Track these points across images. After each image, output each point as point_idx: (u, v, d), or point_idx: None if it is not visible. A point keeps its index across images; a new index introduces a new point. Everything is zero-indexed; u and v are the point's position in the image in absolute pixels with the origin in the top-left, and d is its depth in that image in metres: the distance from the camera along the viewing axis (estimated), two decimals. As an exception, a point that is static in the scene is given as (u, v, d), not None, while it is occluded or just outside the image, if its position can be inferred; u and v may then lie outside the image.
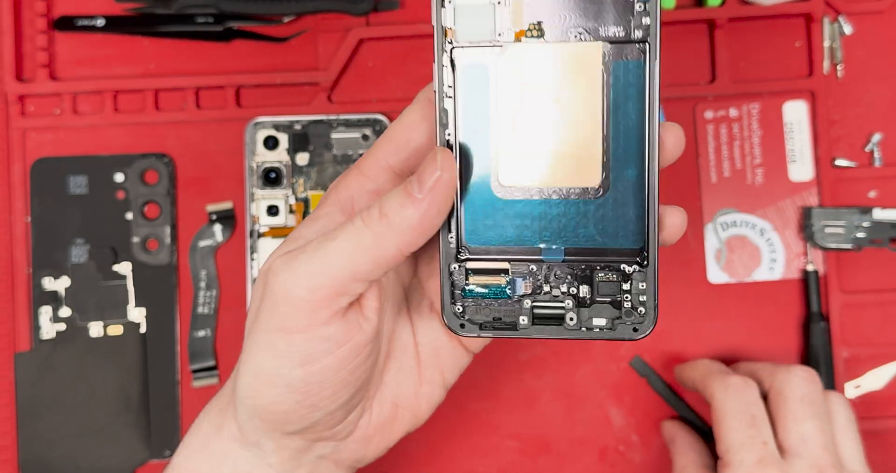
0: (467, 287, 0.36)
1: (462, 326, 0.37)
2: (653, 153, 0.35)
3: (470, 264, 0.36)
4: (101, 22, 0.55)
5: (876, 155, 0.55)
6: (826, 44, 0.55)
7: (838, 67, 0.55)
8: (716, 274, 0.54)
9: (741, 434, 0.44)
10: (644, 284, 0.36)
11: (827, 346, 0.53)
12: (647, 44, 0.34)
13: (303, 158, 0.54)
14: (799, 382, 0.46)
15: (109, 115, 0.55)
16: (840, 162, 0.55)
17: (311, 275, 0.33)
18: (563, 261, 0.36)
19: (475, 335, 0.37)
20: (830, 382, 0.53)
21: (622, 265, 0.35)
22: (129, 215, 0.55)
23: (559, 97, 0.35)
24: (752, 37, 0.55)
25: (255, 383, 0.36)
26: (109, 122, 0.55)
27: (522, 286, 0.36)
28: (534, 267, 0.36)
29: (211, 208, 0.55)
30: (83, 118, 0.55)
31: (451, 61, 0.35)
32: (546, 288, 0.36)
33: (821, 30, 0.55)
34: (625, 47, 0.34)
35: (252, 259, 0.53)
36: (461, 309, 0.36)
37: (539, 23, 0.34)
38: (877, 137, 0.55)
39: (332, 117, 0.54)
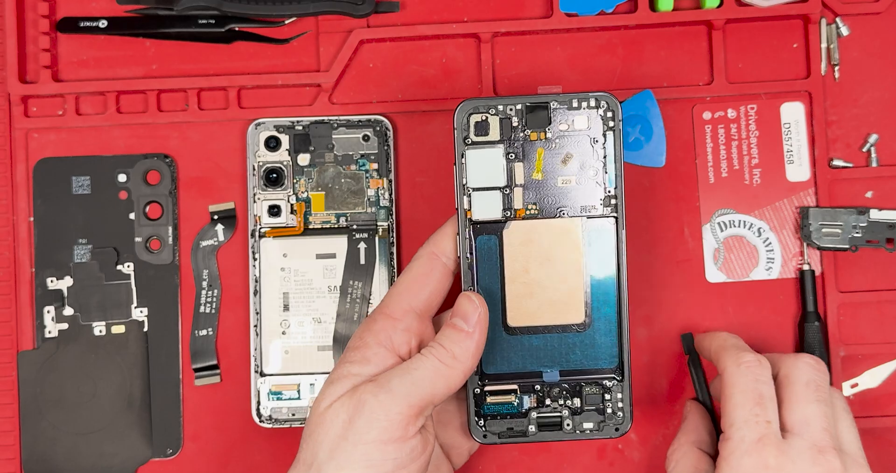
0: (487, 406, 0.46)
1: (485, 436, 0.46)
2: (622, 295, 0.45)
3: (488, 387, 0.46)
4: (103, 23, 0.55)
5: (872, 156, 0.55)
6: (823, 45, 0.55)
7: (835, 69, 0.55)
8: (713, 273, 0.55)
9: (746, 412, 0.44)
10: (621, 394, 0.45)
11: (821, 345, 0.53)
12: (615, 217, 0.45)
13: (304, 159, 0.54)
14: (806, 367, 0.46)
15: (112, 116, 0.55)
16: (837, 163, 0.55)
17: (407, 396, 0.41)
18: (559, 381, 0.46)
19: (496, 442, 0.46)
20: (827, 381, 0.54)
21: (604, 381, 0.46)
22: (132, 215, 0.55)
23: (551, 257, 0.45)
24: (750, 38, 0.56)
25: None
26: (112, 122, 0.55)
27: (528, 402, 0.46)
28: (537, 386, 0.46)
29: (213, 208, 0.55)
30: (86, 119, 0.56)
31: (471, 234, 0.45)
32: (547, 401, 0.46)
33: (818, 31, 0.55)
34: (598, 220, 0.45)
35: (254, 259, 0.54)
36: (483, 423, 0.46)
37: (534, 204, 0.45)
38: (873, 138, 0.55)
39: (334, 118, 0.54)
